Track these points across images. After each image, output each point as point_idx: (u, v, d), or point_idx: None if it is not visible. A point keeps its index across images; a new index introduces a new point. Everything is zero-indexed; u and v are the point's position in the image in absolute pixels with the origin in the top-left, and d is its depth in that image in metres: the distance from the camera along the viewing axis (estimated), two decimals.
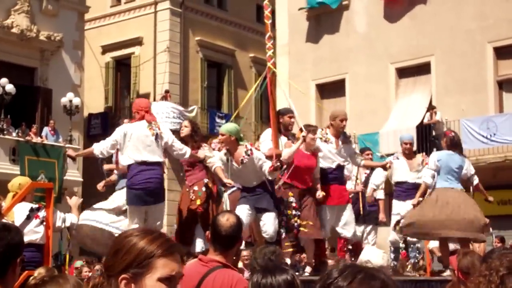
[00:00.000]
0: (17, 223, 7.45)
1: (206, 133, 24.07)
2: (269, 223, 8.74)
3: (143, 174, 8.52)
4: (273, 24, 24.99)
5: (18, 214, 7.78)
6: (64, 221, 8.34)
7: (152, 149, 8.63)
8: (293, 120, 9.84)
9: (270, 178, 8.74)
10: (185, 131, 9.39)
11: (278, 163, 8.59)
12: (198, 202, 9.16)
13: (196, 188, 9.26)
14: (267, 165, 8.64)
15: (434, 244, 10.72)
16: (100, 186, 10.47)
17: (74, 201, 8.75)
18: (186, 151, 8.94)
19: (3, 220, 7.25)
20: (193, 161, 9.30)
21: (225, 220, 4.26)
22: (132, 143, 8.60)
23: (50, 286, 2.97)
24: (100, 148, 8.81)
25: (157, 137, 8.68)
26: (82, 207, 9.54)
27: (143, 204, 8.67)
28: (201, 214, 9.15)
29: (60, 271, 10.09)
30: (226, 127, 8.98)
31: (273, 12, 25.64)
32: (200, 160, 9.22)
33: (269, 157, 9.01)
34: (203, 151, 9.22)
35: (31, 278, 5.34)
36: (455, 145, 9.76)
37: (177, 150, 8.89)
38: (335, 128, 9.91)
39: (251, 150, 8.80)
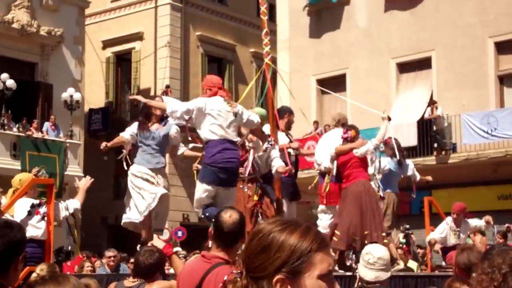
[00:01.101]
0: (18, 219, 7.47)
1: None
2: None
3: (226, 152, 7.97)
4: (274, 19, 25.01)
5: (19, 210, 7.79)
6: (67, 208, 8.28)
7: (233, 128, 8.12)
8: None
9: (274, 174, 8.74)
10: None
11: (293, 171, 8.65)
12: (256, 198, 8.69)
13: (250, 184, 8.78)
14: (277, 162, 8.65)
15: (432, 236, 10.76)
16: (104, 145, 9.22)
17: (83, 182, 8.55)
18: (256, 117, 8.51)
19: (6, 216, 7.28)
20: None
21: (228, 217, 4.26)
22: (212, 118, 7.99)
23: (49, 284, 2.96)
24: (175, 106, 8.17)
25: (237, 115, 8.15)
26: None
27: (220, 184, 8.05)
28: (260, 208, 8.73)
29: (61, 267, 10.13)
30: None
31: (273, 7, 25.70)
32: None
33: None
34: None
35: (33, 274, 5.37)
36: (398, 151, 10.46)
37: (250, 121, 8.39)
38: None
39: (274, 141, 8.83)
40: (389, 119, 9.81)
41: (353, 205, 9.17)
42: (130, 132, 8.96)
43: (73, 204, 8.38)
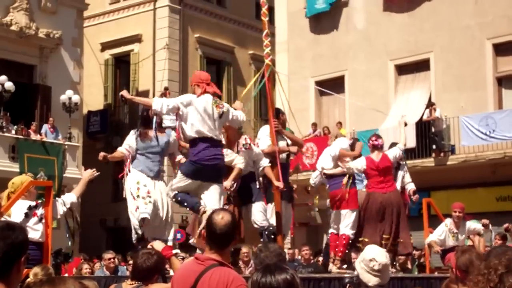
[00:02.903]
0: (15, 221, 7.45)
1: None
2: (257, 213, 8.87)
3: (211, 150, 8.10)
4: (272, 21, 25.02)
5: (16, 212, 7.77)
6: (64, 204, 8.25)
7: (218, 126, 8.25)
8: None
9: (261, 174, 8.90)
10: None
11: (284, 189, 8.82)
12: None
13: None
14: (264, 162, 8.84)
15: (431, 239, 10.81)
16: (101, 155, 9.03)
17: (87, 174, 8.48)
18: (242, 114, 8.67)
19: (7, 219, 7.27)
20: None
21: (219, 219, 4.26)
22: (198, 117, 8.11)
23: (45, 286, 2.97)
24: (160, 102, 8.24)
25: (223, 115, 8.26)
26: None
27: (204, 180, 8.20)
28: None
29: (60, 269, 10.11)
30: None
31: (272, 9, 25.69)
32: None
33: (268, 154, 9.03)
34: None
35: (29, 278, 5.36)
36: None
37: (236, 120, 8.59)
38: None
39: (249, 144, 8.86)
40: (406, 124, 10.34)
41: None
42: (125, 146, 8.90)
43: (69, 198, 8.33)
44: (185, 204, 8.38)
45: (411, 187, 11.38)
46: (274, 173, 8.93)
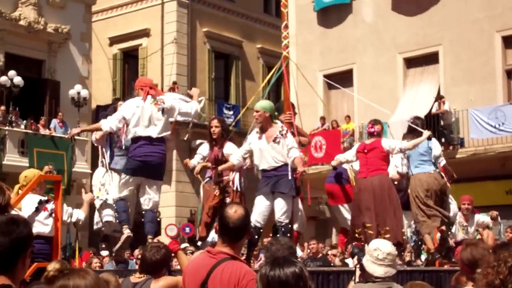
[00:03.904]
0: (25, 215, 7.47)
1: None
2: (283, 208, 8.60)
3: (147, 147, 8.74)
4: (280, 15, 24.95)
5: (26, 206, 7.80)
6: (70, 216, 8.34)
7: (157, 124, 8.78)
8: None
9: (291, 165, 8.56)
10: (217, 131, 9.38)
11: (304, 174, 8.66)
12: (220, 196, 9.39)
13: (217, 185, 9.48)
14: (295, 152, 8.54)
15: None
16: None
17: (88, 197, 8.81)
18: (193, 106, 9.21)
19: (12, 212, 7.29)
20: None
21: (233, 212, 4.26)
22: (137, 118, 8.75)
23: (73, 278, 3.02)
24: (108, 123, 8.90)
25: (164, 112, 8.82)
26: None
27: (140, 175, 8.86)
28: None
29: (69, 263, 10.15)
30: (261, 103, 8.84)
31: (279, 3, 25.61)
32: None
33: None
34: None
35: (46, 272, 5.37)
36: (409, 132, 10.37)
37: (185, 113, 9.15)
38: None
39: (286, 131, 8.73)
40: (429, 138, 9.92)
41: None
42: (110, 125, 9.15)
43: (78, 214, 8.43)
44: (116, 214, 9.19)
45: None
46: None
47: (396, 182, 10.92)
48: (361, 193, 9.58)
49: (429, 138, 10.11)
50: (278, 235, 8.11)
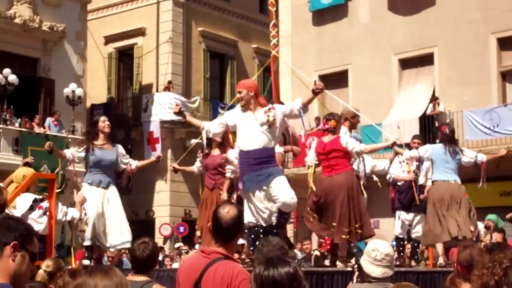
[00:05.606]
0: (20, 213, 7.47)
1: None
2: (281, 187, 7.94)
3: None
4: (276, 15, 24.97)
5: (20, 204, 7.79)
6: (65, 214, 8.33)
7: None
8: None
9: (302, 112, 8.13)
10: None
11: (322, 86, 8.14)
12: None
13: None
14: (296, 103, 8.09)
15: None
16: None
17: (79, 198, 8.70)
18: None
19: (11, 211, 7.28)
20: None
21: (225, 212, 4.26)
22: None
23: (98, 275, 2.82)
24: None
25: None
26: None
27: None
28: None
29: (64, 261, 10.13)
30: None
31: (276, 2, 25.64)
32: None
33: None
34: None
35: (41, 269, 5.36)
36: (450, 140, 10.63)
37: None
38: (354, 124, 10.24)
39: (273, 106, 8.16)
40: (400, 146, 9.90)
41: None
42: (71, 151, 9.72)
43: (73, 213, 8.41)
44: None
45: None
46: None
47: (400, 183, 11.00)
48: (327, 191, 9.19)
49: (400, 146, 10.25)
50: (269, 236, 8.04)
